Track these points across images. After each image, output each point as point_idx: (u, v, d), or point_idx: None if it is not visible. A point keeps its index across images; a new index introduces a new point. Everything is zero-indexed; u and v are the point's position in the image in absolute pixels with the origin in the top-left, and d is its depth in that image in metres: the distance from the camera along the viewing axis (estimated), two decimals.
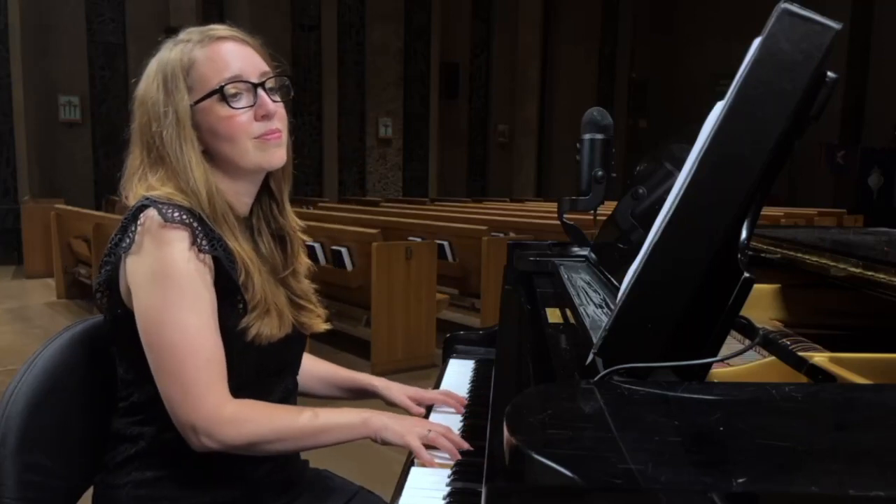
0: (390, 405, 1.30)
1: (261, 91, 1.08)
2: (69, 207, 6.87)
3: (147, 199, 1.03)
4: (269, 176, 1.17)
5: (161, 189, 1.05)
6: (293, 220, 1.23)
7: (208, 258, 1.02)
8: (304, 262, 1.23)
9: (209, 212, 1.05)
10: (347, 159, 11.54)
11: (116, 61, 9.39)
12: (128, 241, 1.02)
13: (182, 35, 1.10)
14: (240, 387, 1.06)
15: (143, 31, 9.33)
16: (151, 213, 1.00)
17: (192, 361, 0.99)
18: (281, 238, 1.20)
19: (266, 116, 1.07)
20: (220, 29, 1.10)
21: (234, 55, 1.08)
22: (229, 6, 9.80)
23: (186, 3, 9.20)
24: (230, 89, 1.06)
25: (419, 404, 1.28)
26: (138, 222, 1.01)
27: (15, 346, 4.70)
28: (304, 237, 1.25)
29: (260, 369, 1.10)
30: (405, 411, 1.25)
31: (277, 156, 1.10)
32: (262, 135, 1.07)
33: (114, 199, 8.64)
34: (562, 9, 13.53)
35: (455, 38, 12.56)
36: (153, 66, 1.09)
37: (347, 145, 11.48)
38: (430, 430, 1.06)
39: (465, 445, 1.06)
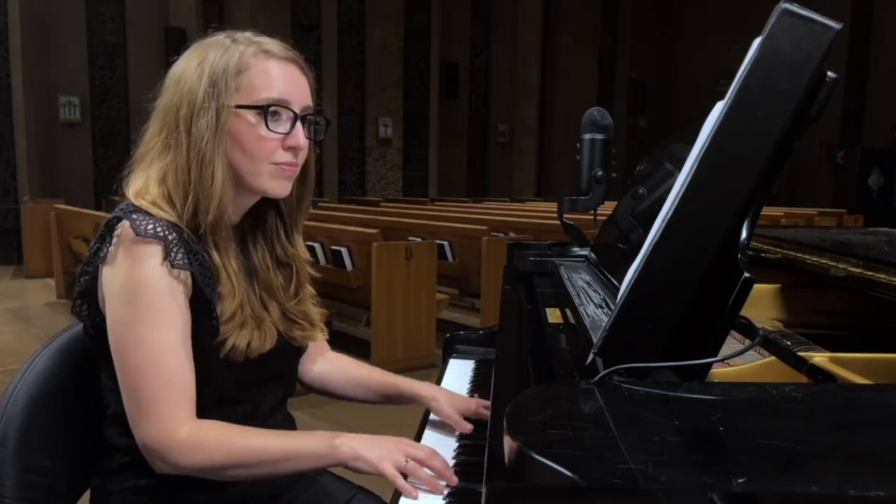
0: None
1: (298, 123, 1.06)
2: (69, 207, 6.86)
3: (126, 208, 1.01)
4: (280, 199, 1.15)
5: (154, 190, 1.03)
6: (302, 251, 1.20)
7: (183, 273, 1.00)
8: (308, 291, 1.22)
9: (212, 216, 1.02)
10: (347, 159, 11.54)
11: (116, 61, 9.39)
12: (105, 251, 1.00)
13: (240, 37, 1.07)
14: (222, 400, 1.05)
15: (143, 31, 9.34)
16: (126, 224, 0.98)
17: (151, 381, 0.97)
18: (286, 265, 1.18)
19: (293, 149, 1.06)
20: (281, 47, 1.08)
21: (289, 78, 1.06)
22: (229, 6, 9.79)
23: (186, 3, 9.19)
24: (273, 110, 1.04)
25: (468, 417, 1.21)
26: (114, 233, 1.00)
27: (15, 346, 4.70)
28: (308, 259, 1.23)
29: (243, 381, 1.08)
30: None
31: (283, 187, 1.08)
32: (281, 163, 1.06)
33: (114, 199, 8.60)
34: (562, 9, 13.53)
35: (455, 38, 12.56)
36: (200, 52, 1.05)
37: (347, 145, 11.48)
38: (407, 460, 0.97)
39: (449, 475, 0.98)
